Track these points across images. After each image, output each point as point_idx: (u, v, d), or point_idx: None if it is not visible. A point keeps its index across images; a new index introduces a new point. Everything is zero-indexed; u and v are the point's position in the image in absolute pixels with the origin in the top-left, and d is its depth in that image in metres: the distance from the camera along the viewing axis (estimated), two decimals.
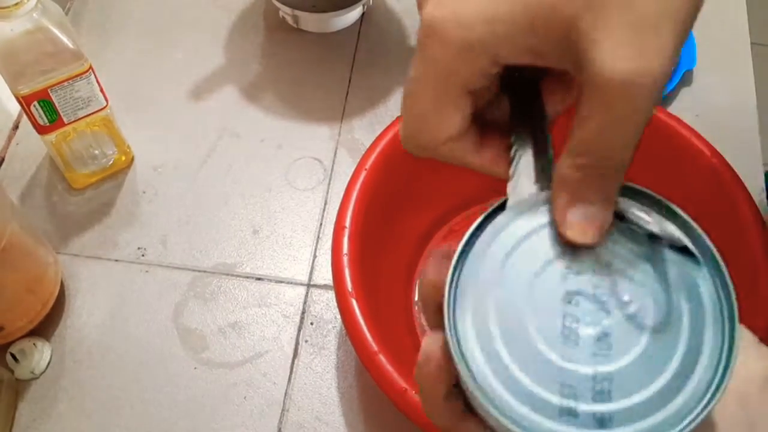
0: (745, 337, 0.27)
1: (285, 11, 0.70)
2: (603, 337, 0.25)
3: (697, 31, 0.70)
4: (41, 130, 0.56)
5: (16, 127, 0.66)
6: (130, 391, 0.54)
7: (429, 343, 0.26)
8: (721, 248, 0.53)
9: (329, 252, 0.49)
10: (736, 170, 0.51)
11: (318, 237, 0.61)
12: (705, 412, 0.23)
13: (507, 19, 0.24)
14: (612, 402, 0.24)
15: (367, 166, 0.51)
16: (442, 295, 0.25)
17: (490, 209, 0.27)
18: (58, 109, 0.55)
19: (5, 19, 0.48)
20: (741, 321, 0.25)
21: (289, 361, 0.55)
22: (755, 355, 0.27)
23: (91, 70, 0.54)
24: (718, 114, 0.67)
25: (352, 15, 0.72)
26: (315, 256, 0.60)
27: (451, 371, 0.26)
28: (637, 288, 0.25)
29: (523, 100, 0.28)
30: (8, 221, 0.50)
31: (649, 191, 0.27)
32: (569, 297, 0.25)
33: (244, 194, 0.63)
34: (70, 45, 0.52)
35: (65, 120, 0.56)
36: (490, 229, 0.26)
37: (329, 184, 0.63)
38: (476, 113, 0.27)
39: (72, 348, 0.56)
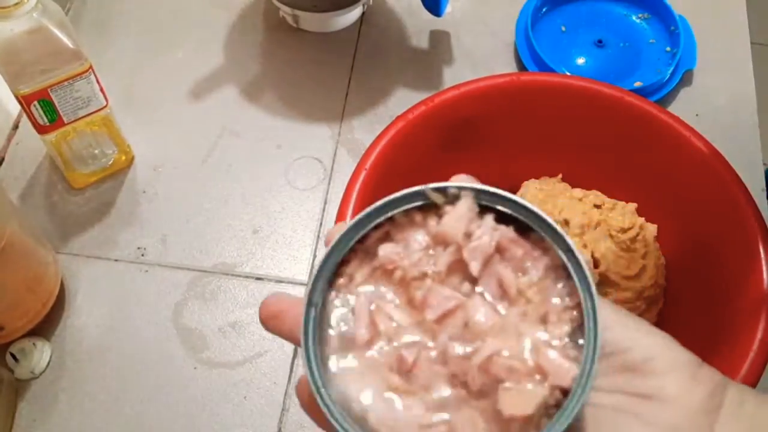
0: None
1: (285, 11, 0.70)
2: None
3: (697, 31, 0.70)
4: (41, 129, 0.56)
5: (16, 126, 0.66)
6: (129, 390, 0.54)
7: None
8: (722, 248, 0.54)
9: None
10: (736, 170, 0.51)
11: (318, 237, 0.61)
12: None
13: None
14: None
15: (367, 166, 0.51)
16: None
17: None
18: (58, 108, 0.55)
19: (5, 18, 0.48)
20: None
21: (290, 361, 0.55)
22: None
23: (91, 70, 0.54)
24: (718, 113, 0.67)
25: (352, 15, 0.71)
26: (315, 256, 0.60)
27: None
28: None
29: None
30: (8, 221, 0.50)
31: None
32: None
33: (244, 194, 0.63)
34: (70, 45, 0.52)
35: (65, 120, 0.56)
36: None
37: (329, 183, 0.63)
38: None
39: (72, 348, 0.56)
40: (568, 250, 0.25)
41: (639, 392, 0.25)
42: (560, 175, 0.60)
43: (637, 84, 0.67)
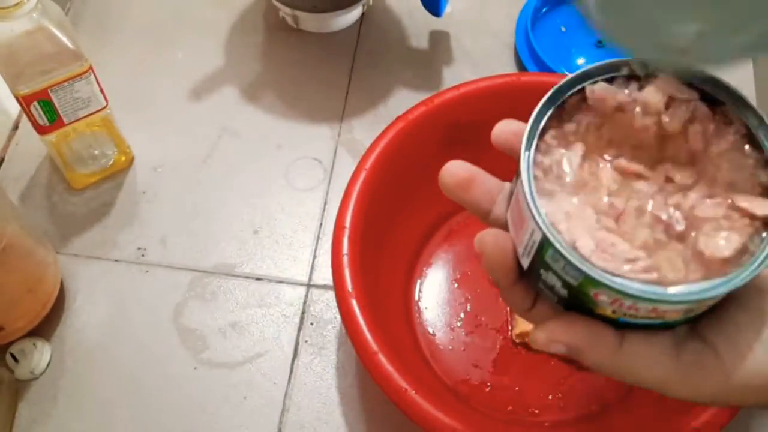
0: None
1: (285, 11, 0.70)
2: None
3: None
4: (41, 130, 0.56)
5: (16, 127, 0.66)
6: (129, 391, 0.54)
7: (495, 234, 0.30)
8: None
9: (329, 252, 0.49)
10: None
11: (318, 237, 0.61)
12: None
13: None
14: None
15: (367, 166, 0.51)
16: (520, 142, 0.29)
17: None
18: (58, 109, 0.55)
19: (5, 19, 0.48)
20: None
21: (289, 361, 0.55)
22: None
23: (90, 70, 0.54)
24: None
25: (352, 15, 0.71)
26: (315, 256, 0.60)
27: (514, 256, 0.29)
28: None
29: None
30: (8, 221, 0.50)
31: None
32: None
33: (243, 194, 0.63)
34: (70, 45, 0.52)
35: (65, 120, 0.56)
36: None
37: (329, 184, 0.63)
38: None
39: (72, 348, 0.56)
40: (760, 120, 0.28)
41: None
42: None
43: None
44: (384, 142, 0.52)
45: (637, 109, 0.29)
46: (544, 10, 0.72)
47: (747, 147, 0.28)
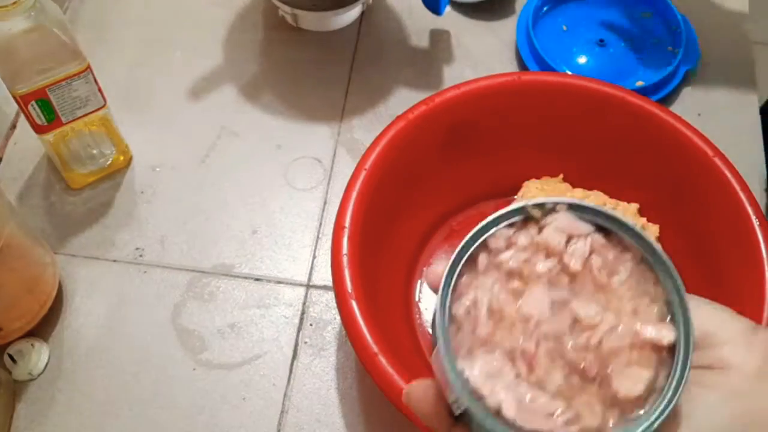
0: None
1: (284, 10, 0.69)
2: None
3: (699, 30, 0.70)
4: (39, 129, 0.56)
5: (13, 126, 0.66)
6: (128, 392, 0.54)
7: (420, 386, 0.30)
8: (724, 248, 0.53)
9: (329, 252, 0.49)
10: (738, 169, 0.51)
11: (317, 237, 0.61)
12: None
13: None
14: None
15: (367, 166, 0.51)
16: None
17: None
18: (56, 108, 0.54)
19: (3, 18, 0.48)
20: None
21: (289, 362, 0.55)
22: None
23: (89, 69, 0.54)
24: (719, 113, 0.67)
25: (352, 14, 0.71)
26: (314, 257, 0.60)
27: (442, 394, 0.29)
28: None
29: None
30: (6, 221, 0.50)
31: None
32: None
33: (242, 194, 0.63)
34: (68, 44, 0.52)
35: (63, 119, 0.56)
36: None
37: (329, 183, 0.63)
38: None
39: (70, 349, 0.55)
40: (653, 251, 0.29)
41: (703, 364, 0.29)
42: (561, 176, 0.59)
43: (639, 83, 0.66)
44: (384, 142, 0.52)
45: (540, 254, 0.29)
46: (545, 8, 0.72)
47: (644, 271, 0.29)
